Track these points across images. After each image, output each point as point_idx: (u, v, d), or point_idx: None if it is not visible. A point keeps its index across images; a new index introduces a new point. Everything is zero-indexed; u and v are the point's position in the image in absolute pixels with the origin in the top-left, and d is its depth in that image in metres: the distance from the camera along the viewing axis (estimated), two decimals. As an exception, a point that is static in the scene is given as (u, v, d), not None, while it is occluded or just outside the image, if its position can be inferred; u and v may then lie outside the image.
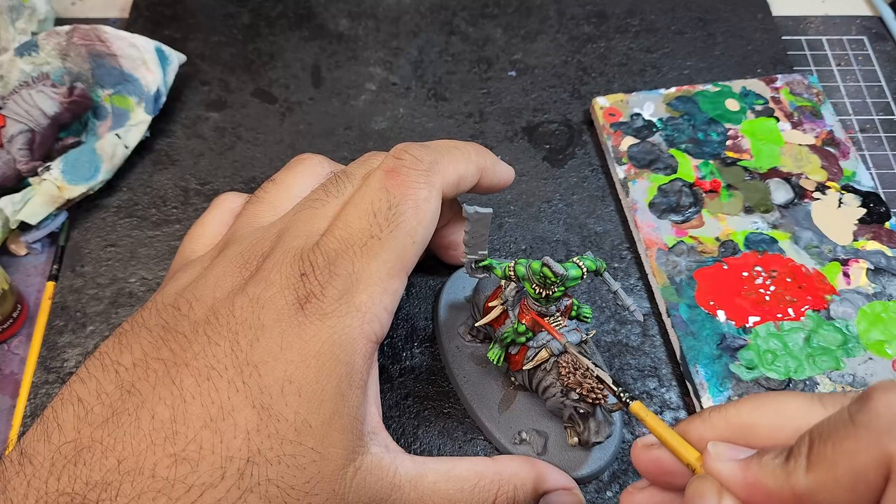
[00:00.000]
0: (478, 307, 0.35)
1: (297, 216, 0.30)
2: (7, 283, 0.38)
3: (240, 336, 0.25)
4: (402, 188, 0.29)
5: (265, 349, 0.25)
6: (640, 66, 0.51)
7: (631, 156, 0.44)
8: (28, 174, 0.41)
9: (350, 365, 0.26)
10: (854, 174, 0.44)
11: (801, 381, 0.36)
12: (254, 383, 0.25)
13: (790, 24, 0.54)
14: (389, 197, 0.29)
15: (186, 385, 0.24)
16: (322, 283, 0.26)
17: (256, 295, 0.26)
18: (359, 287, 0.27)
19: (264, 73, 0.49)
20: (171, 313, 0.27)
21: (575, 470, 0.33)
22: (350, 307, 0.26)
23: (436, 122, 0.47)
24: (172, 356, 0.25)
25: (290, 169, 0.33)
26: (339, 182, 0.31)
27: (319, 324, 0.26)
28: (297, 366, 0.25)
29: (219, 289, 0.27)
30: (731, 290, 0.39)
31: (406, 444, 0.35)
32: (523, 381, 0.34)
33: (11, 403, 0.37)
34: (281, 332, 0.26)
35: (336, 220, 0.29)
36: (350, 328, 0.26)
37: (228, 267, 0.28)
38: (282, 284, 0.27)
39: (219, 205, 0.34)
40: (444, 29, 0.52)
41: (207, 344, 0.25)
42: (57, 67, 0.44)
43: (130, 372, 0.25)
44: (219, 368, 0.25)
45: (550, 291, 0.30)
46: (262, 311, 0.26)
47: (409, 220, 0.29)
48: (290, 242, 0.28)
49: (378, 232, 0.28)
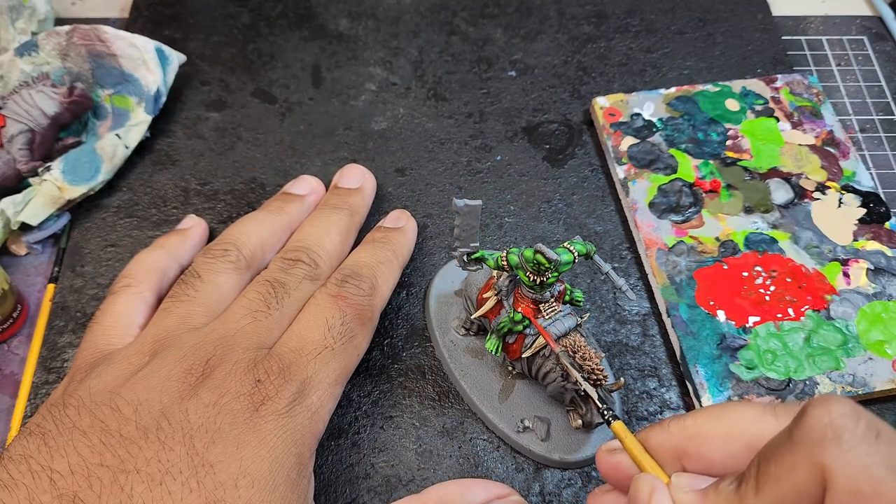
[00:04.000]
0: (470, 300, 0.35)
1: (241, 329, 0.32)
2: (7, 283, 0.38)
3: (195, 440, 0.26)
4: (351, 309, 0.33)
5: (221, 450, 0.26)
6: (640, 66, 0.51)
7: (631, 156, 0.44)
8: (28, 174, 0.41)
9: (300, 456, 0.28)
10: (854, 174, 0.44)
11: (801, 381, 0.36)
12: (209, 481, 0.26)
13: (790, 24, 0.54)
14: (342, 315, 0.33)
15: (137, 492, 0.25)
16: (277, 388, 0.29)
17: (212, 401, 0.28)
18: (310, 390, 0.30)
19: (264, 73, 0.49)
20: (110, 416, 0.27)
21: (580, 452, 0.34)
22: (302, 407, 0.29)
23: (436, 122, 0.47)
24: (120, 463, 0.25)
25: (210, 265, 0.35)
26: (278, 295, 0.33)
27: (274, 422, 0.28)
28: (252, 460, 0.27)
29: (165, 393, 0.28)
30: (731, 290, 0.39)
31: (406, 445, 0.35)
32: (522, 368, 0.34)
33: (11, 403, 0.37)
34: (238, 434, 0.27)
35: (289, 333, 0.32)
36: (301, 425, 0.29)
37: (172, 371, 0.29)
38: (237, 392, 0.28)
39: (125, 291, 0.34)
40: (444, 29, 0.52)
41: (161, 449, 0.26)
42: (57, 67, 0.44)
43: (69, 480, 0.25)
44: (173, 472, 0.25)
45: (544, 278, 0.30)
46: (217, 415, 0.27)
47: (357, 336, 0.33)
48: (241, 355, 0.30)
49: (332, 343, 0.32)
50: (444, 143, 0.46)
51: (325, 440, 0.35)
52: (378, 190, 0.44)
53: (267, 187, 0.44)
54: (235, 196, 0.44)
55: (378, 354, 0.38)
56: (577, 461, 0.34)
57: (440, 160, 0.46)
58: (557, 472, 0.35)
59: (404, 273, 0.41)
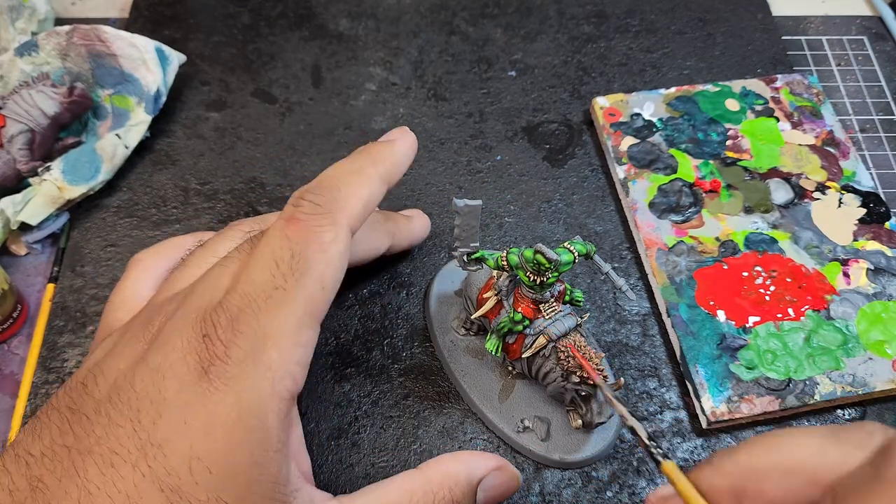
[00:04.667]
0: (470, 300, 0.35)
1: (205, 275, 0.28)
2: (7, 283, 0.38)
3: (142, 414, 0.24)
4: (303, 233, 0.26)
5: (168, 426, 0.23)
6: (640, 66, 0.51)
7: (631, 156, 0.44)
8: (28, 174, 0.41)
9: (263, 430, 0.24)
10: (854, 174, 0.44)
11: (802, 381, 0.36)
12: (159, 465, 0.23)
13: (790, 24, 0.54)
14: (291, 245, 0.26)
15: (91, 475, 0.23)
16: (226, 344, 0.24)
17: (157, 364, 0.24)
18: (266, 344, 0.25)
19: (264, 73, 0.49)
20: (78, 392, 0.25)
21: (580, 452, 0.34)
22: (258, 367, 0.24)
23: (436, 122, 0.47)
24: (77, 442, 0.24)
25: (221, 233, 0.32)
26: (253, 239, 0.29)
27: (225, 389, 0.24)
28: (203, 440, 0.23)
29: (123, 360, 0.25)
30: (731, 290, 0.39)
31: (406, 444, 0.35)
32: (522, 368, 0.34)
33: (11, 403, 0.37)
34: (184, 404, 0.24)
35: (238, 276, 0.26)
36: (259, 390, 0.24)
37: (133, 334, 0.26)
38: (183, 349, 0.25)
39: (135, 266, 0.32)
40: (444, 29, 0.52)
41: (108, 425, 0.24)
42: (57, 67, 0.44)
43: (38, 463, 0.24)
44: (122, 453, 0.23)
45: (545, 278, 0.31)
46: (163, 381, 0.24)
47: (315, 266, 0.26)
48: (193, 302, 0.26)
49: (283, 283, 0.26)
50: (444, 143, 0.46)
51: (324, 440, 0.35)
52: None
53: (267, 187, 0.44)
54: (235, 196, 0.44)
55: (378, 354, 0.38)
56: (577, 461, 0.34)
57: (440, 160, 0.46)
58: (557, 472, 0.35)
59: (404, 273, 0.41)
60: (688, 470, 0.23)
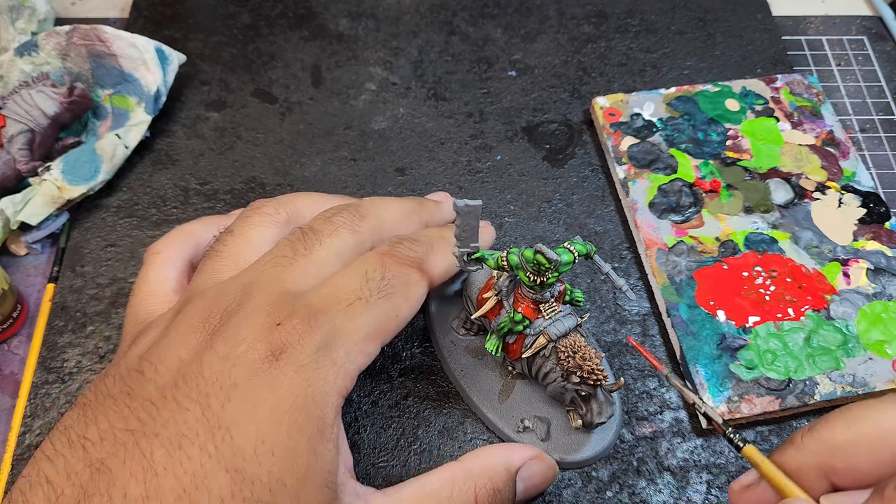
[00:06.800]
0: (470, 300, 0.35)
1: (262, 273, 0.29)
2: (7, 283, 0.38)
3: (211, 398, 0.25)
4: (397, 267, 0.30)
5: (237, 409, 0.25)
6: (640, 66, 0.51)
7: (631, 156, 0.44)
8: (28, 174, 0.41)
9: (322, 419, 0.26)
10: (854, 174, 0.44)
11: (801, 381, 0.36)
12: (226, 447, 0.24)
13: (790, 24, 0.54)
14: (384, 270, 0.29)
15: (157, 457, 0.24)
16: (300, 334, 0.26)
17: (226, 353, 0.26)
18: (338, 342, 0.27)
19: (264, 73, 0.49)
20: (135, 379, 0.26)
21: (580, 452, 0.34)
22: (327, 360, 0.26)
23: (436, 122, 0.47)
24: (141, 426, 0.25)
25: (246, 219, 0.32)
26: (307, 239, 0.30)
27: (294, 376, 0.25)
28: (269, 424, 0.25)
29: (183, 349, 0.26)
30: (731, 290, 0.39)
31: (406, 444, 0.35)
32: (522, 368, 0.34)
33: (11, 403, 0.37)
34: (253, 390, 0.25)
35: (323, 282, 0.29)
36: (325, 381, 0.26)
37: (191, 325, 0.27)
38: (254, 338, 0.26)
39: (154, 258, 0.33)
40: (444, 29, 0.52)
41: (177, 410, 0.25)
42: (57, 67, 0.44)
43: (98, 447, 0.24)
44: (190, 435, 0.24)
45: (545, 278, 0.31)
46: (232, 368, 0.25)
47: (398, 294, 0.29)
48: (260, 300, 0.27)
49: (367, 295, 0.28)
50: (444, 143, 0.46)
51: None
52: (378, 190, 0.44)
53: (267, 187, 0.44)
54: (235, 196, 0.44)
55: (378, 354, 0.38)
56: (577, 461, 0.34)
57: (440, 160, 0.46)
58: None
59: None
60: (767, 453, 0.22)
